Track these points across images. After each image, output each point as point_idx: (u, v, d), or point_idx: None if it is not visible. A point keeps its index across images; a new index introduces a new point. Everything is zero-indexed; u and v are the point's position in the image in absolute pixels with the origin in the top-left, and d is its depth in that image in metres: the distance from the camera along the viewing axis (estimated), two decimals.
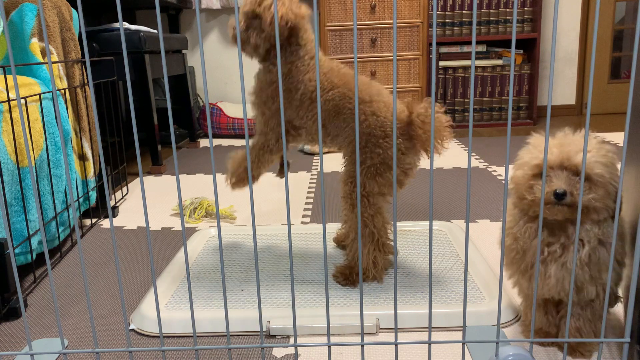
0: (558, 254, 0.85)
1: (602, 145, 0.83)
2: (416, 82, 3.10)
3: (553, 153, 0.83)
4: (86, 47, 0.70)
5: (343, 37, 3.06)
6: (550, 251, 0.86)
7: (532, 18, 3.21)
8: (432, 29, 1.47)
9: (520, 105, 3.31)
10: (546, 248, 0.86)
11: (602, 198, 0.81)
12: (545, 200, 0.82)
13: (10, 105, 1.23)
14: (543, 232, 0.86)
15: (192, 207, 1.76)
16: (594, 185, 0.81)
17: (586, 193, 0.81)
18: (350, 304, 1.12)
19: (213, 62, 3.55)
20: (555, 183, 0.81)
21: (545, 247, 0.86)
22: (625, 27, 3.56)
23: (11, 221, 1.27)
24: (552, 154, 0.83)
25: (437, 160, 2.45)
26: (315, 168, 2.41)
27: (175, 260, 1.37)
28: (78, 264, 1.44)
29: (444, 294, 1.15)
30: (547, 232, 0.86)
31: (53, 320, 1.15)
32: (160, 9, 3.22)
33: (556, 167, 0.82)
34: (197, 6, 0.65)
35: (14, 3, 1.55)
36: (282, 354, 0.99)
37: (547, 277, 0.87)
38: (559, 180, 0.81)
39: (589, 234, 0.83)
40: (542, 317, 0.96)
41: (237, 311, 1.10)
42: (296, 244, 1.47)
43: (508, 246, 0.92)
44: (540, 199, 0.82)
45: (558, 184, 0.81)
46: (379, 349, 0.99)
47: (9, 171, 1.22)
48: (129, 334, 1.06)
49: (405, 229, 1.53)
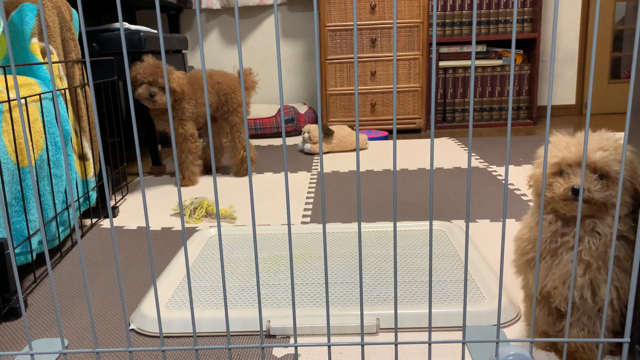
0: (571, 245, 0.86)
1: (620, 145, 0.85)
2: (416, 82, 3.10)
3: (572, 151, 0.85)
4: (86, 47, 0.70)
5: (343, 37, 3.06)
6: (563, 241, 0.87)
7: (532, 18, 3.21)
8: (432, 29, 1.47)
9: (520, 105, 3.31)
10: (559, 238, 0.87)
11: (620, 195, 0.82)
12: (563, 197, 0.84)
13: (10, 105, 1.23)
14: (557, 223, 0.87)
15: (192, 207, 1.76)
16: (612, 182, 0.83)
17: (604, 190, 0.82)
18: (350, 304, 1.12)
19: (213, 62, 3.55)
20: (574, 180, 0.83)
21: (559, 237, 0.87)
22: (625, 27, 3.56)
23: (11, 221, 1.27)
24: (571, 152, 0.85)
25: (437, 160, 2.45)
26: (315, 168, 2.41)
27: (175, 260, 1.37)
28: (78, 263, 1.44)
29: (444, 294, 1.15)
30: (562, 223, 0.87)
31: (53, 320, 1.15)
32: (160, 9, 3.22)
33: (574, 165, 0.84)
34: (197, 6, 0.65)
35: (14, 3, 1.55)
36: (282, 354, 0.99)
37: (556, 266, 0.87)
38: (577, 177, 0.83)
39: (611, 229, 0.84)
40: (545, 318, 0.96)
41: (237, 311, 1.10)
42: (296, 244, 1.47)
43: (521, 236, 0.93)
44: (558, 195, 0.84)
45: (576, 181, 0.83)
46: (379, 349, 0.99)
47: (9, 171, 1.22)
48: (129, 334, 1.06)
49: (405, 229, 1.53)
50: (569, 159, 0.84)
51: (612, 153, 0.83)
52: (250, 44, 3.52)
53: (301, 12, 3.48)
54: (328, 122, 3.16)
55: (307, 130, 2.73)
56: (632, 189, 0.85)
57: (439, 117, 3.34)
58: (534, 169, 0.92)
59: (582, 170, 0.78)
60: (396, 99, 0.88)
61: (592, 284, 0.85)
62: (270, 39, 3.51)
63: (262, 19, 3.50)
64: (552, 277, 0.88)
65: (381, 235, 1.50)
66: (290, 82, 3.58)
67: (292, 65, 3.56)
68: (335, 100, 3.13)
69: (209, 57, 3.56)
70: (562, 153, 0.85)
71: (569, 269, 0.85)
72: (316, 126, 2.78)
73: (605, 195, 0.82)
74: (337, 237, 1.50)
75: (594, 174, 0.83)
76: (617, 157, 0.83)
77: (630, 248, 0.85)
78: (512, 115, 2.75)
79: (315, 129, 2.72)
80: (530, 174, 0.93)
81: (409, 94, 3.12)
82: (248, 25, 3.51)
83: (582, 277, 0.84)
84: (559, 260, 0.87)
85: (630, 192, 0.85)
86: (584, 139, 0.75)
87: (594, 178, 0.83)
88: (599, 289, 0.84)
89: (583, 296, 0.85)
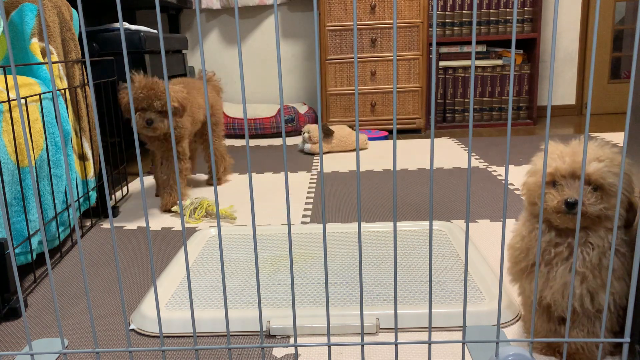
0: (565, 255, 0.84)
1: (616, 156, 0.83)
2: (416, 82, 3.10)
3: (565, 162, 0.82)
4: (86, 47, 0.70)
5: (343, 37, 3.06)
6: (557, 252, 0.85)
7: (532, 18, 3.21)
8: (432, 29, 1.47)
9: (520, 105, 3.31)
10: (553, 249, 0.85)
11: (614, 207, 0.80)
12: (556, 209, 0.81)
13: (10, 105, 1.23)
14: (550, 233, 0.86)
15: (192, 207, 1.76)
16: (606, 195, 0.81)
17: (598, 203, 0.80)
18: (350, 304, 1.12)
19: (213, 62, 3.55)
20: (567, 192, 0.81)
21: (552, 248, 0.85)
22: (625, 27, 3.56)
23: (11, 221, 1.27)
24: (565, 163, 0.82)
25: (437, 160, 2.45)
26: (315, 168, 2.41)
27: (175, 260, 1.37)
28: (78, 263, 1.44)
29: (444, 294, 1.15)
30: (555, 233, 0.85)
31: (53, 320, 1.15)
32: (160, 9, 3.22)
33: (568, 176, 0.82)
34: (197, 6, 0.65)
35: (14, 3, 1.55)
36: (282, 354, 0.99)
37: (552, 278, 0.85)
38: (571, 189, 0.81)
39: (604, 241, 0.82)
40: (546, 325, 0.95)
41: (237, 311, 1.10)
42: (296, 244, 1.47)
43: (513, 245, 0.92)
44: (551, 207, 0.82)
45: (569, 193, 0.80)
46: (379, 349, 0.99)
47: (9, 171, 1.22)
48: (129, 334, 1.06)
49: (405, 229, 1.53)
50: (563, 170, 0.82)
51: (608, 164, 0.81)
52: (250, 44, 3.52)
53: (301, 12, 3.48)
54: (328, 122, 3.16)
55: (307, 130, 2.73)
56: (627, 202, 0.83)
57: (439, 117, 3.34)
58: (527, 177, 0.89)
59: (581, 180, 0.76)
60: (396, 99, 0.88)
61: (590, 293, 0.84)
62: (270, 39, 3.51)
63: (262, 19, 3.50)
64: (550, 291, 0.87)
65: (381, 235, 1.50)
66: (290, 82, 3.58)
67: (292, 65, 3.56)
68: (335, 100, 3.13)
69: (209, 57, 3.56)
70: (555, 163, 0.83)
71: (566, 281, 0.84)
72: (316, 126, 2.78)
73: (599, 209, 0.80)
74: (337, 237, 1.50)
75: (588, 186, 0.81)
76: (612, 169, 0.80)
77: (623, 259, 0.84)
78: (512, 115, 2.75)
79: (315, 129, 2.72)
80: (523, 182, 0.90)
81: (409, 94, 3.12)
82: (248, 25, 3.51)
83: (579, 287, 0.84)
84: (555, 272, 0.85)
85: (625, 204, 0.83)
86: (584, 140, 0.75)
87: (588, 190, 0.80)
88: (597, 294, 0.84)
89: (583, 304, 0.85)
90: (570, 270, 0.84)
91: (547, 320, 0.94)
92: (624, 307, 0.88)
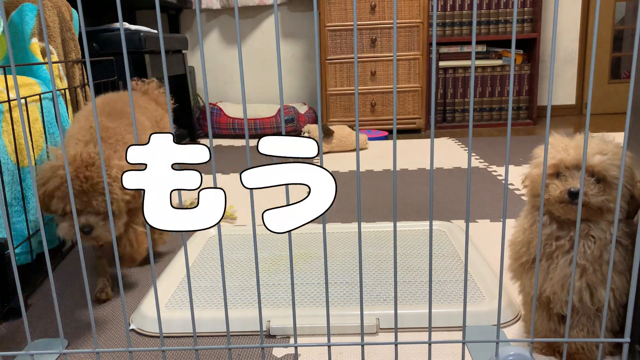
0: (566, 248, 0.85)
1: (619, 150, 0.84)
2: (416, 82, 3.10)
3: (570, 154, 0.83)
4: (86, 47, 0.70)
5: (343, 37, 3.06)
6: (558, 245, 0.86)
7: (532, 18, 3.21)
8: (432, 29, 1.47)
9: (520, 105, 3.31)
10: (554, 242, 0.86)
11: (616, 200, 0.81)
12: (559, 199, 0.83)
13: (10, 105, 1.23)
14: (552, 226, 0.86)
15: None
16: (608, 187, 0.82)
17: (601, 194, 0.81)
18: (350, 304, 1.12)
19: (213, 62, 3.55)
20: (570, 182, 0.82)
21: (554, 241, 0.86)
22: (625, 27, 3.56)
23: (11, 221, 1.27)
24: (569, 155, 0.83)
25: (437, 160, 2.45)
26: None
27: (175, 261, 1.37)
28: (78, 263, 1.44)
29: (444, 294, 1.15)
30: (557, 226, 0.86)
31: (53, 320, 1.15)
32: (160, 9, 3.21)
33: (572, 168, 0.83)
34: (197, 6, 0.65)
35: (14, 3, 1.55)
36: (282, 354, 0.99)
37: (552, 271, 0.86)
38: (574, 180, 0.82)
39: (605, 234, 0.83)
40: (546, 324, 0.95)
41: (237, 311, 1.10)
42: (296, 244, 1.47)
43: (515, 239, 0.92)
44: (555, 197, 0.83)
45: (573, 183, 0.82)
46: (379, 349, 0.99)
47: (9, 171, 1.22)
48: (129, 334, 1.06)
49: (405, 229, 1.53)
50: (567, 162, 0.83)
51: (611, 157, 0.82)
52: (250, 44, 3.52)
53: (301, 12, 3.48)
54: (328, 122, 3.16)
55: (307, 130, 2.73)
56: (628, 195, 0.84)
57: (439, 117, 3.34)
58: (530, 168, 0.91)
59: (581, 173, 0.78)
60: (396, 99, 0.88)
61: (589, 287, 0.84)
62: (270, 39, 3.51)
63: (262, 19, 3.50)
64: (550, 283, 0.87)
65: (381, 235, 1.50)
66: (290, 82, 3.58)
67: (292, 65, 3.56)
68: (335, 100, 3.13)
69: (209, 57, 3.56)
70: (560, 155, 0.84)
71: (566, 274, 0.85)
72: (316, 126, 2.78)
73: (602, 200, 0.81)
74: (337, 237, 1.50)
75: (591, 178, 0.82)
76: (615, 162, 0.82)
77: (625, 253, 0.85)
78: (512, 115, 2.75)
79: (315, 129, 2.72)
80: (526, 174, 0.91)
81: (409, 94, 3.12)
82: (248, 25, 3.51)
83: (579, 280, 0.84)
84: (555, 265, 0.86)
85: (626, 197, 0.84)
86: (584, 138, 0.75)
87: (591, 182, 0.82)
88: (596, 290, 0.84)
89: (582, 299, 0.85)
90: (570, 263, 0.84)
91: (547, 319, 0.94)
92: (624, 304, 0.86)
